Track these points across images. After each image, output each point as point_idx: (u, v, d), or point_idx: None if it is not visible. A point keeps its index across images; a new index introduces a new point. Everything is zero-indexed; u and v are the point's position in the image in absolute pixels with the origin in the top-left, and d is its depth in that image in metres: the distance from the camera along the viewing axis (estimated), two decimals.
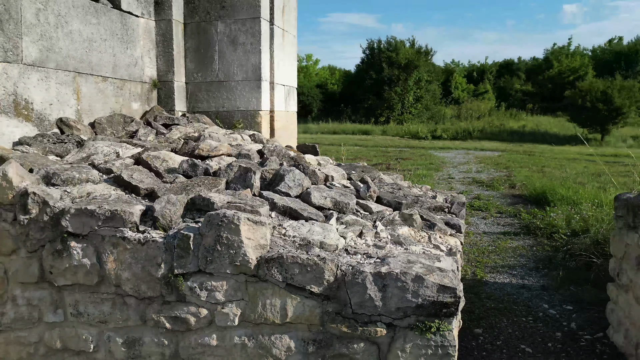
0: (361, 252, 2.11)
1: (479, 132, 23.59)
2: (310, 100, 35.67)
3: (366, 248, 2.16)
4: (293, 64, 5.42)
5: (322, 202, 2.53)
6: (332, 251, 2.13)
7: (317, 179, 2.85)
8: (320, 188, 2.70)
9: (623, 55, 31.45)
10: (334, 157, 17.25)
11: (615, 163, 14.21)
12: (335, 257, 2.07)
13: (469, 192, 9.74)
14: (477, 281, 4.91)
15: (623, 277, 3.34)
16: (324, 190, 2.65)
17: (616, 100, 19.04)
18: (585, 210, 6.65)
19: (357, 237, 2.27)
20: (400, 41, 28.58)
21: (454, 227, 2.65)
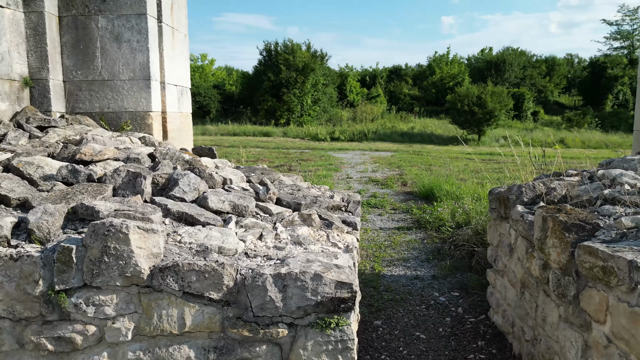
0: (261, 255, 2.08)
1: (373, 133, 24.82)
2: (207, 101, 34.60)
3: (266, 250, 2.14)
4: (185, 64, 5.21)
5: (220, 206, 2.46)
6: (231, 256, 2.07)
7: (214, 183, 2.77)
8: (218, 192, 2.62)
9: (493, 63, 35.33)
10: (235, 159, 16.91)
11: (490, 161, 15.90)
12: (234, 261, 2.02)
13: (365, 190, 10.20)
14: (376, 275, 5.15)
15: (499, 263, 3.74)
16: (222, 194, 2.58)
17: (489, 104, 21.32)
18: (467, 204, 7.33)
19: (257, 240, 2.25)
20: (297, 44, 28.99)
21: (350, 224, 2.74)
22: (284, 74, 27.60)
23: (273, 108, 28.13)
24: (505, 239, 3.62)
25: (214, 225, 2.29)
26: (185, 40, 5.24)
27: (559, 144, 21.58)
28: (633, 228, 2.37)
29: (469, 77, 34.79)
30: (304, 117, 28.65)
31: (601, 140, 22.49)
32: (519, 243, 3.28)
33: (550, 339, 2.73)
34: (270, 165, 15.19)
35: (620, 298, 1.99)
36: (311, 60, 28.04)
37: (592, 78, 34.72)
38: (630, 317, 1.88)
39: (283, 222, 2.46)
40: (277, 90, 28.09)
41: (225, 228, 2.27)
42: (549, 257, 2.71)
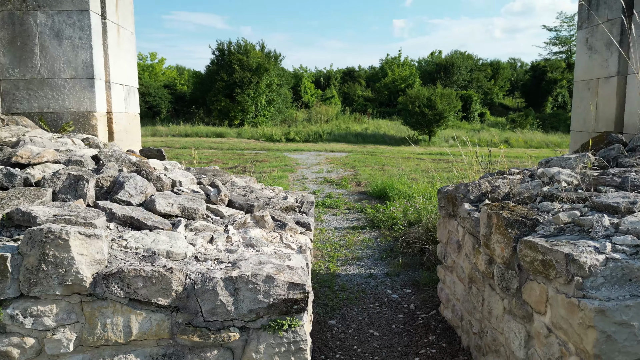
0: (212, 258, 2.04)
1: (328, 134, 24.98)
2: (157, 101, 33.56)
3: (217, 253, 2.10)
4: (132, 62, 5.03)
5: (168, 209, 2.39)
6: (180, 260, 2.01)
7: (162, 185, 2.68)
8: (167, 194, 2.54)
9: (442, 66, 36.54)
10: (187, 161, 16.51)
11: (440, 160, 16.41)
12: (183, 265, 1.96)
13: (321, 191, 10.25)
14: (331, 275, 5.19)
15: (448, 259, 3.86)
16: (170, 196, 2.50)
17: (439, 105, 22.01)
18: (418, 203, 7.53)
19: (208, 243, 2.20)
20: (251, 44, 28.69)
21: (304, 225, 2.74)
22: (237, 74, 27.22)
23: (227, 108, 27.68)
24: (453, 236, 3.75)
25: (162, 229, 2.22)
26: (132, 38, 5.05)
27: (504, 144, 22.61)
28: (570, 223, 2.52)
29: (420, 79, 35.77)
30: (259, 117, 28.39)
31: (542, 140, 23.75)
32: (466, 239, 3.41)
33: (496, 330, 2.84)
34: (224, 166, 14.95)
35: (558, 290, 2.10)
36: (265, 60, 27.83)
37: (533, 81, 36.65)
38: (568, 308, 1.99)
39: (235, 225, 2.42)
40: (231, 91, 27.67)
41: (174, 232, 2.20)
42: (493, 252, 2.82)
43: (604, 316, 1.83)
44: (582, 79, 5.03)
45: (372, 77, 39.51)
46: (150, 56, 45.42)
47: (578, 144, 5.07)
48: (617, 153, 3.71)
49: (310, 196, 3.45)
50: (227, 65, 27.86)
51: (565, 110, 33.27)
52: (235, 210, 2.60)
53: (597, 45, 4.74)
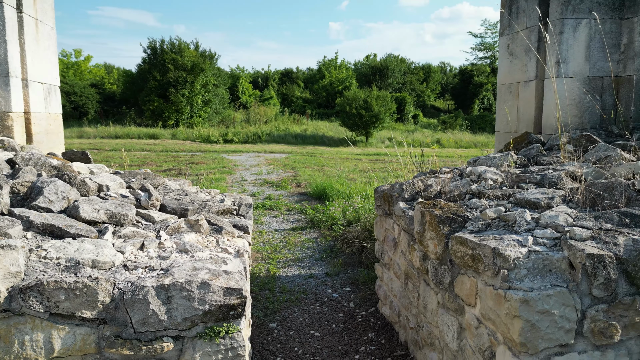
0: (143, 266, 1.93)
1: (267, 135, 24.80)
2: (84, 101, 31.64)
3: (148, 261, 2.00)
4: (53, 59, 4.68)
5: (94, 215, 2.24)
6: (107, 269, 1.89)
7: (88, 190, 2.51)
8: (92, 200, 2.38)
9: (377, 69, 37.57)
10: (118, 164, 15.73)
11: (377, 161, 16.84)
12: (111, 275, 1.84)
13: (260, 192, 10.14)
14: (271, 277, 5.13)
15: (385, 257, 3.95)
16: (96, 202, 2.34)
17: (375, 107, 22.59)
18: (356, 202, 7.67)
19: (139, 250, 2.08)
20: (185, 43, 27.81)
21: (241, 228, 2.68)
22: (171, 74, 26.27)
23: (160, 109, 26.63)
24: (390, 234, 3.84)
25: (87, 237, 2.08)
26: (52, 34, 4.70)
27: (436, 144, 23.64)
28: (496, 218, 2.66)
29: (356, 81, 36.52)
30: (194, 118, 27.59)
31: (471, 141, 25.11)
32: (402, 237, 3.50)
33: (431, 324, 2.95)
34: (158, 169, 14.37)
35: (487, 282, 2.21)
36: (200, 60, 27.09)
37: (461, 84, 38.66)
38: (495, 299, 2.10)
39: (168, 230, 2.32)
40: (164, 90, 26.65)
41: (100, 239, 2.06)
42: (427, 249, 2.93)
43: (528, 306, 1.95)
44: (505, 83, 5.37)
45: (310, 78, 39.79)
46: (75, 53, 42.76)
47: (502, 143, 5.40)
48: (536, 152, 3.98)
49: (248, 198, 3.39)
50: (160, 64, 26.82)
51: (491, 112, 35.43)
52: (168, 214, 2.49)
53: (517, 51, 5.07)
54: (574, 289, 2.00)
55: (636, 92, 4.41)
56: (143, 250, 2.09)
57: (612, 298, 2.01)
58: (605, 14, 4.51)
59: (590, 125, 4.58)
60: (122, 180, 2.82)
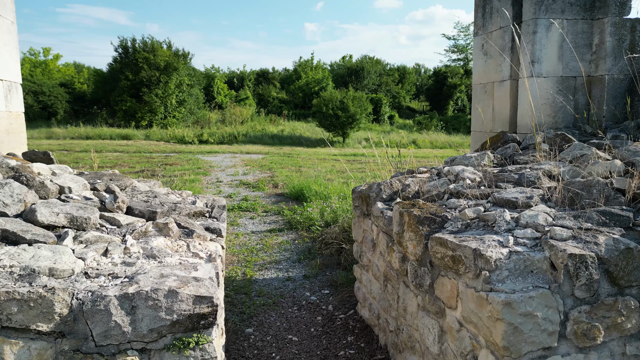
0: (105, 273, 1.80)
1: (243, 136, 24.53)
2: (53, 101, 30.68)
3: (112, 267, 1.86)
4: (14, 55, 4.44)
5: (53, 219, 2.08)
6: (66, 277, 1.75)
7: (47, 192, 2.34)
8: (52, 203, 2.22)
9: (354, 70, 37.67)
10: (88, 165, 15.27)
11: (354, 161, 16.84)
12: (70, 284, 1.70)
13: (237, 194, 9.97)
14: (248, 281, 5.00)
15: (364, 258, 3.88)
16: (56, 205, 2.19)
17: (351, 108, 22.61)
18: (334, 203, 7.60)
19: (102, 257, 1.94)
20: (158, 42, 27.23)
21: (214, 231, 2.56)
22: (144, 73, 25.68)
23: (133, 109, 26.01)
24: (368, 235, 3.77)
25: (45, 243, 1.92)
26: (13, 28, 4.46)
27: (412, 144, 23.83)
28: (475, 218, 2.62)
29: (333, 82, 36.53)
30: (169, 119, 27.05)
31: (446, 141, 25.41)
32: (380, 238, 3.44)
33: (411, 327, 2.89)
34: (131, 170, 14.00)
35: (468, 284, 2.16)
36: (174, 59, 26.58)
37: (436, 86, 39.16)
38: (477, 302, 2.04)
39: (134, 234, 2.18)
40: (137, 90, 26.04)
41: (59, 245, 1.91)
42: (406, 250, 2.86)
43: (510, 308, 1.89)
44: (480, 83, 5.38)
45: (287, 79, 39.61)
46: (44, 52, 41.42)
47: (478, 143, 5.42)
48: (513, 151, 3.98)
49: (222, 200, 3.26)
50: (133, 64, 26.20)
51: (465, 113, 35.99)
52: (135, 218, 2.35)
53: (492, 51, 5.09)
54: (556, 290, 1.96)
55: (608, 91, 4.47)
56: (107, 256, 1.95)
57: (594, 299, 1.98)
58: (577, 14, 4.56)
59: (564, 125, 4.62)
60: (86, 182, 2.65)
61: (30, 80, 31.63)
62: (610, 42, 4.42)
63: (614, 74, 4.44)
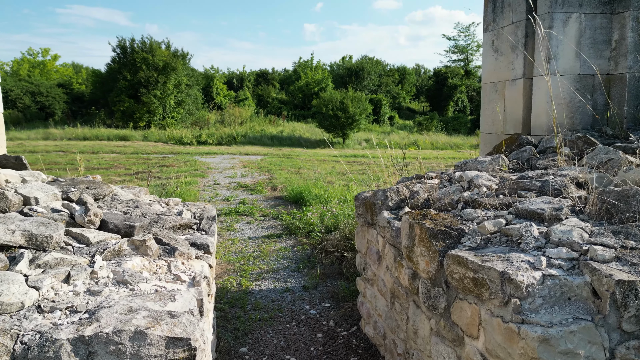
0: (63, 307, 1.50)
1: (242, 137, 24.23)
2: (51, 102, 30.40)
3: (73, 298, 1.56)
4: None
5: (7, 238, 1.78)
6: (14, 313, 1.44)
7: (8, 204, 2.04)
8: (9, 218, 1.92)
9: (353, 70, 37.32)
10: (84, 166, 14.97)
11: (354, 162, 16.53)
12: (16, 322, 1.40)
13: (234, 197, 9.67)
14: (243, 292, 4.69)
15: (368, 271, 3.57)
16: (13, 220, 1.88)
17: (351, 109, 22.28)
18: (335, 207, 7.29)
19: (62, 284, 1.64)
20: (156, 42, 26.92)
21: (201, 247, 2.26)
22: (142, 73, 25.38)
23: (131, 110, 25.71)
24: (373, 246, 3.47)
25: None
26: None
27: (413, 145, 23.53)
28: (496, 232, 2.32)
29: (332, 82, 36.21)
30: (167, 119, 26.75)
31: (446, 142, 25.10)
32: (387, 251, 3.14)
33: (423, 353, 2.58)
34: (127, 172, 13.70)
35: (493, 312, 1.85)
36: (172, 59, 26.28)
37: (436, 86, 38.83)
38: (506, 334, 1.74)
39: (105, 254, 1.87)
40: (135, 91, 25.74)
41: (9, 272, 1.61)
42: (417, 266, 2.56)
43: (548, 345, 1.59)
44: (490, 81, 5.08)
45: (286, 79, 39.30)
46: (42, 52, 41.09)
47: (488, 145, 5.11)
48: (529, 155, 3.68)
49: (212, 209, 2.95)
50: (131, 64, 25.90)
51: (465, 113, 35.68)
52: (108, 234, 2.05)
53: (503, 48, 4.79)
54: (601, 322, 1.66)
55: (629, 91, 4.17)
56: (68, 284, 1.64)
57: None
58: (595, 8, 4.26)
59: (582, 127, 4.32)
60: (57, 191, 2.35)
61: (28, 80, 31.33)
62: (632, 38, 4.12)
63: (636, 72, 4.14)
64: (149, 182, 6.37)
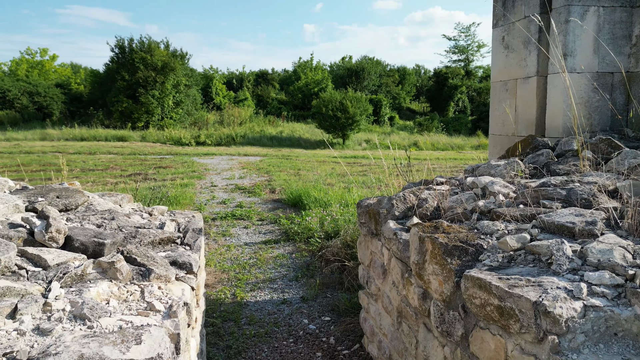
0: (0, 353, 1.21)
1: (241, 137, 23.96)
2: (48, 102, 30.14)
3: (15, 341, 1.27)
4: None
5: None
6: None
7: None
8: None
9: (353, 71, 36.99)
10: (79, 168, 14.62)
11: (354, 164, 16.24)
12: None
13: (231, 199, 9.39)
14: (237, 304, 4.40)
15: (372, 285, 3.29)
16: None
17: (350, 109, 21.98)
18: (335, 211, 7.00)
19: (7, 320, 1.35)
20: (155, 42, 26.61)
21: (182, 266, 1.97)
22: (141, 73, 25.09)
23: (129, 110, 25.43)
24: (377, 259, 3.18)
25: None
26: None
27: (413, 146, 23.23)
28: (520, 250, 2.03)
29: (332, 83, 35.90)
30: (166, 120, 26.46)
31: (447, 143, 24.81)
32: (393, 265, 2.85)
33: None
34: (122, 174, 13.42)
35: (524, 349, 1.57)
36: (171, 59, 25.98)
37: (436, 87, 38.51)
38: None
39: (65, 279, 1.59)
40: (134, 91, 25.47)
41: None
42: (429, 286, 2.28)
43: None
44: (499, 80, 4.79)
45: (286, 80, 39.01)
46: (40, 52, 40.76)
47: (498, 147, 4.83)
48: (547, 159, 3.39)
49: (198, 220, 2.66)
50: (129, 64, 25.62)
51: (465, 114, 35.37)
52: (72, 254, 1.76)
53: (515, 44, 4.50)
54: None
55: None
56: (14, 319, 1.36)
57: None
58: (614, 1, 3.97)
59: (600, 128, 4.03)
60: (19, 202, 2.07)
61: (25, 80, 31.03)
62: None
63: None
64: (138, 187, 6.06)
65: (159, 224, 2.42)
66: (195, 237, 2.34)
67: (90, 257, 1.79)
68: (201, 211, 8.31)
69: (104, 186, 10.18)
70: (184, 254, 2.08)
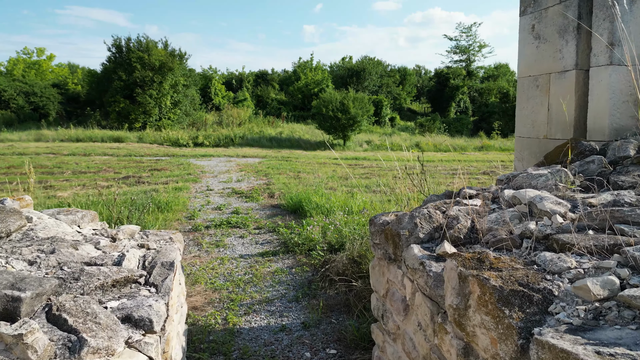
0: None
1: (240, 138, 23.40)
2: (45, 102, 29.58)
3: None
4: None
5: None
6: None
7: None
8: None
9: (354, 71, 36.39)
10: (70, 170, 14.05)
11: (356, 166, 15.66)
12: None
13: (227, 205, 8.82)
14: (229, 332, 3.82)
15: (389, 321, 2.71)
16: None
17: (351, 110, 21.40)
18: (338, 219, 6.43)
19: None
20: (153, 41, 26.03)
21: (139, 324, 1.39)
22: (138, 73, 24.53)
23: (126, 110, 24.87)
24: (396, 290, 2.61)
25: None
26: None
27: (415, 147, 22.64)
28: (608, 300, 1.46)
29: (332, 83, 35.32)
30: (163, 120, 25.90)
31: (450, 144, 24.23)
32: (419, 301, 2.28)
33: None
34: (116, 176, 12.85)
35: None
36: (169, 59, 25.41)
37: (437, 87, 37.93)
38: None
39: None
40: (131, 91, 24.91)
41: None
42: (474, 340, 1.71)
43: None
44: (528, 75, 4.22)
45: (286, 80, 38.42)
46: (37, 52, 40.17)
47: (526, 152, 4.26)
48: (599, 167, 2.82)
49: (170, 252, 2.07)
50: (126, 64, 25.06)
51: (467, 115, 34.81)
52: None
53: (547, 33, 3.93)
54: None
55: None
56: None
57: None
58: None
59: None
60: None
61: (21, 80, 30.42)
62: None
63: None
64: (116, 196, 5.47)
65: (117, 256, 1.84)
66: (165, 275, 1.76)
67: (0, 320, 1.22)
68: (194, 218, 7.74)
69: (94, 189, 9.59)
70: (143, 304, 1.50)
